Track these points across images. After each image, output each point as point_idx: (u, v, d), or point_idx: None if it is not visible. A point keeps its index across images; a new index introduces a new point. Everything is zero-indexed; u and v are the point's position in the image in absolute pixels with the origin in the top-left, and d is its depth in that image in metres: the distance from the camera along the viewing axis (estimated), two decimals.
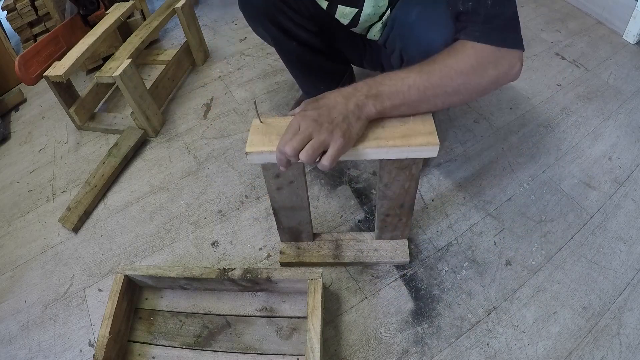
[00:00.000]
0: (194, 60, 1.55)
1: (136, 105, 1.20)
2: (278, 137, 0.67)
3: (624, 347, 0.79)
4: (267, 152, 0.67)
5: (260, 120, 0.71)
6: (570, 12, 1.62)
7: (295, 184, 0.77)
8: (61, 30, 1.37)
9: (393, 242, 0.93)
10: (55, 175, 1.25)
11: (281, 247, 0.95)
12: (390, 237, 0.92)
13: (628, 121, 1.19)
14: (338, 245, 0.94)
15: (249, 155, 0.68)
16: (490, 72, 0.63)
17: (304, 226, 0.90)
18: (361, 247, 0.93)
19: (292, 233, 0.93)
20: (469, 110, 1.26)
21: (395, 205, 0.81)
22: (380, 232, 0.91)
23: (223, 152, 1.23)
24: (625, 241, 0.94)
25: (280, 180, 0.76)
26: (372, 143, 0.65)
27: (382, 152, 0.65)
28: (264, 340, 0.83)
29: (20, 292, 0.99)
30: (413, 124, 0.67)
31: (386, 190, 0.77)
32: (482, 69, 0.63)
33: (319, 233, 0.97)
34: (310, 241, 0.95)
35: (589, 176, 1.07)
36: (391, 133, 0.66)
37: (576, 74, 1.36)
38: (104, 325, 0.79)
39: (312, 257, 0.93)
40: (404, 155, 0.66)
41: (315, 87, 1.10)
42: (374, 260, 0.91)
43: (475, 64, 0.62)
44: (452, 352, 0.80)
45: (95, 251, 1.04)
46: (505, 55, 0.63)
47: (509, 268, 0.91)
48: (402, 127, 0.66)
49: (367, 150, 0.65)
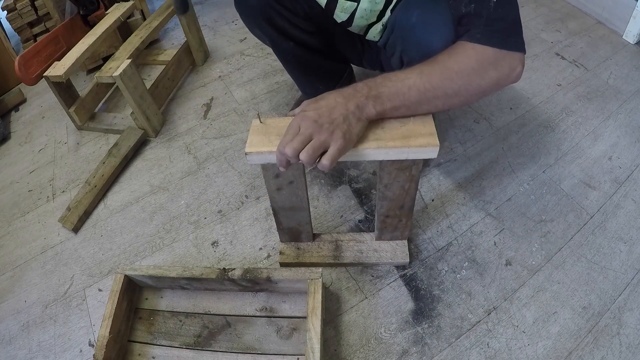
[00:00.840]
0: (194, 60, 1.55)
1: (136, 105, 1.20)
2: (278, 137, 0.67)
3: (624, 347, 0.79)
4: (267, 153, 0.67)
5: (260, 120, 0.71)
6: (570, 12, 1.62)
7: (295, 184, 0.77)
8: (61, 30, 1.37)
9: (393, 243, 0.93)
10: (55, 175, 1.25)
11: (281, 248, 0.95)
12: (390, 238, 0.92)
13: (628, 121, 1.19)
14: (338, 246, 0.94)
15: (249, 155, 0.68)
16: (490, 73, 0.63)
17: (304, 227, 0.90)
18: (361, 248, 0.93)
19: (291, 233, 0.93)
20: (469, 110, 1.26)
21: (395, 206, 0.81)
22: (380, 233, 0.91)
23: (223, 152, 1.23)
24: (625, 241, 0.94)
25: (280, 181, 0.76)
26: (372, 144, 0.65)
27: (381, 153, 0.65)
28: (264, 340, 0.83)
29: (20, 292, 0.99)
30: (413, 125, 0.66)
31: (386, 191, 0.77)
32: (482, 71, 0.63)
33: (319, 234, 0.97)
34: (310, 242, 0.95)
35: (589, 176, 1.07)
36: (391, 134, 0.66)
37: (576, 74, 1.36)
38: (104, 325, 0.79)
39: (311, 258, 0.93)
40: (403, 156, 0.66)
41: (314, 87, 1.10)
42: (373, 261, 0.91)
43: (475, 65, 0.62)
44: (452, 352, 0.80)
45: (95, 251, 1.04)
46: (506, 57, 0.63)
47: (509, 268, 0.91)
48: (402, 128, 0.66)
49: (366, 150, 0.65)
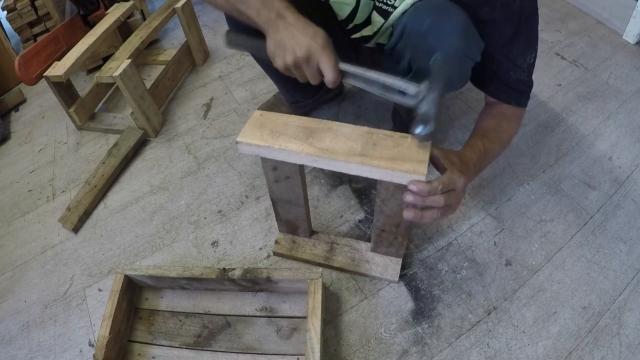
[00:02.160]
0: (194, 60, 1.55)
1: (136, 105, 1.20)
2: (271, 132, 0.68)
3: (624, 347, 0.79)
4: (255, 146, 0.68)
5: (261, 113, 0.71)
6: (570, 12, 1.62)
7: (291, 180, 0.77)
8: (61, 30, 1.37)
9: (386, 259, 0.91)
10: (55, 175, 1.25)
11: (277, 237, 0.96)
12: (385, 252, 0.91)
13: (628, 121, 1.19)
14: (332, 248, 0.94)
15: (239, 144, 0.69)
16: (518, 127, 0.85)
17: (300, 222, 0.90)
18: (354, 256, 0.92)
19: (289, 226, 0.93)
20: (469, 110, 1.26)
21: (392, 222, 0.79)
22: (376, 246, 0.90)
23: (223, 152, 1.23)
24: (625, 241, 0.94)
25: (277, 173, 0.77)
26: (356, 158, 0.64)
27: (365, 170, 0.64)
28: (264, 340, 0.83)
29: (20, 292, 0.99)
30: (407, 149, 0.64)
31: (383, 206, 0.75)
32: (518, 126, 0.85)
33: (317, 232, 0.97)
34: (306, 237, 0.96)
35: (589, 176, 1.07)
36: (380, 153, 0.64)
37: (576, 74, 1.36)
38: (104, 325, 0.79)
39: (304, 254, 0.94)
40: (387, 178, 0.64)
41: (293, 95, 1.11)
42: (362, 271, 0.90)
43: (518, 123, 0.84)
44: (452, 352, 0.80)
45: (95, 251, 1.04)
46: (523, 112, 0.85)
47: (509, 268, 0.91)
48: (394, 150, 0.64)
49: (350, 164, 0.64)
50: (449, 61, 0.68)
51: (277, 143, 0.67)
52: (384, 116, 1.25)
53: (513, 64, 0.77)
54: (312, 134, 0.68)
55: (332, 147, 0.66)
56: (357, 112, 1.28)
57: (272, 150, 0.68)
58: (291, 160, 0.69)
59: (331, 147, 0.66)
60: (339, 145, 0.66)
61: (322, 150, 0.65)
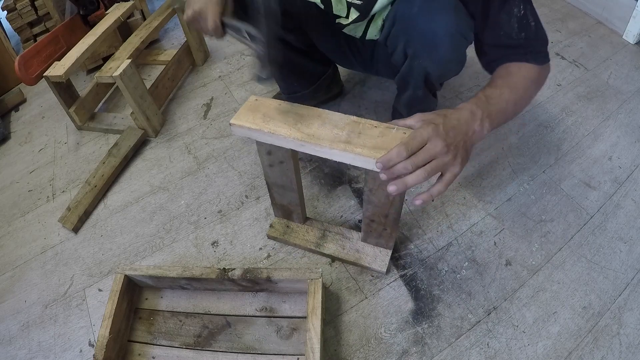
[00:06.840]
0: (194, 60, 1.55)
1: (136, 105, 1.20)
2: (263, 117, 0.70)
3: (624, 347, 0.79)
4: (247, 129, 0.70)
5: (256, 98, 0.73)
6: (570, 12, 1.62)
7: (285, 165, 0.79)
8: (61, 30, 1.37)
9: (376, 249, 0.92)
10: (55, 175, 1.25)
11: (272, 221, 0.98)
12: (375, 243, 0.92)
13: (628, 121, 1.19)
14: (324, 235, 0.96)
15: (232, 127, 0.71)
16: (538, 85, 0.75)
17: (294, 207, 0.92)
18: (344, 244, 0.94)
19: (284, 210, 0.95)
20: None
21: (380, 213, 0.80)
22: (366, 236, 0.91)
23: (223, 152, 1.23)
24: (625, 241, 0.94)
25: (271, 158, 0.78)
26: (340, 145, 0.65)
27: (348, 157, 0.65)
28: (264, 340, 0.83)
29: (20, 292, 0.99)
30: (391, 138, 0.64)
31: (371, 196, 0.76)
32: (536, 84, 0.74)
33: (312, 218, 0.99)
34: (300, 223, 0.97)
35: (589, 176, 1.07)
36: (365, 141, 0.65)
37: (576, 74, 1.36)
38: (104, 325, 0.79)
39: (296, 239, 0.95)
40: (369, 167, 0.64)
41: (290, 85, 1.11)
42: (351, 260, 0.92)
43: (535, 78, 0.73)
44: (452, 352, 0.80)
45: (95, 251, 1.04)
46: (544, 70, 0.75)
47: (509, 268, 0.91)
48: (378, 139, 0.65)
49: (334, 150, 0.65)
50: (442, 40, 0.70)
51: (267, 127, 0.69)
52: (384, 116, 1.25)
53: (497, 24, 0.72)
54: (301, 120, 0.70)
55: (318, 133, 0.67)
56: (357, 112, 1.28)
57: (262, 133, 0.70)
58: (279, 144, 0.71)
59: (317, 133, 0.67)
60: (326, 132, 0.67)
61: (309, 136, 0.67)
